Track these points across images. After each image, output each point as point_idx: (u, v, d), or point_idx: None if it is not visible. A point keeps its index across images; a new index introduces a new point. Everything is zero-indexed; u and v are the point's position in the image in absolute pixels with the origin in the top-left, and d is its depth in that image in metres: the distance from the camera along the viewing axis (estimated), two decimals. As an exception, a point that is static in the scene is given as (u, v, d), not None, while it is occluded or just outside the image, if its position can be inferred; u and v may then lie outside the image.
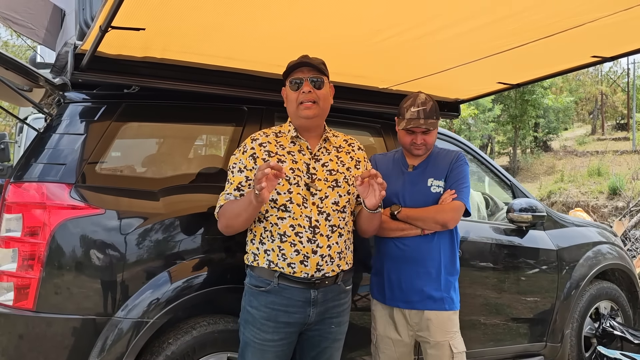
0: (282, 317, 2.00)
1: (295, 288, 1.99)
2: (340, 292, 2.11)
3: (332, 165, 2.11)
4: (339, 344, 2.17)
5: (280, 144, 2.10)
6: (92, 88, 2.39)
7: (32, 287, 2.05)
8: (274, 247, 2.00)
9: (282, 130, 2.15)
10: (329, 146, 2.16)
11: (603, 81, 32.54)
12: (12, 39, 18.85)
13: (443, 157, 2.43)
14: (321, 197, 2.04)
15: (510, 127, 22.64)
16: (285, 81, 2.09)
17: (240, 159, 2.08)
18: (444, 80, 2.92)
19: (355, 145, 2.24)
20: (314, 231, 1.99)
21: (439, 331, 2.34)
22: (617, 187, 13.44)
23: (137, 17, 1.83)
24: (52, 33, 3.37)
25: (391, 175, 2.42)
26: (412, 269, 2.34)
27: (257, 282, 2.03)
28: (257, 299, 2.03)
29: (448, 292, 2.37)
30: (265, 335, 2.00)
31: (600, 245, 3.89)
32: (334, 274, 2.04)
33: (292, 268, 1.98)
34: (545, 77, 3.07)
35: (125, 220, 2.20)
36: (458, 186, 2.35)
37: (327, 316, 2.08)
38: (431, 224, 2.31)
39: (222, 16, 1.97)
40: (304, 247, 1.98)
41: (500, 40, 2.34)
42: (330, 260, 2.02)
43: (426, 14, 2.04)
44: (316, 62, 2.06)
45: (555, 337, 3.55)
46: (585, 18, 2.08)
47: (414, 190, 2.39)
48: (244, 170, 2.05)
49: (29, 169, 2.18)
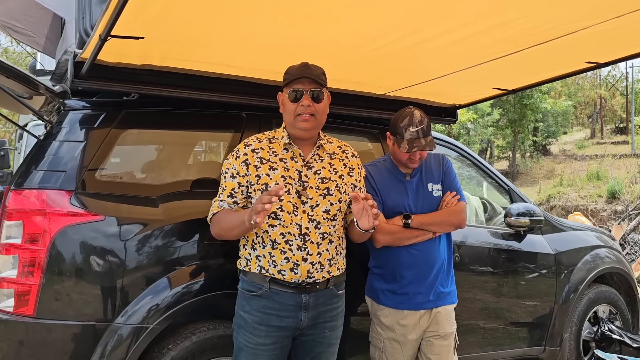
0: (274, 321, 2.01)
1: (286, 292, 2.01)
2: (333, 297, 2.11)
3: (325, 173, 2.10)
4: (334, 348, 2.17)
5: (273, 150, 2.09)
6: (91, 95, 2.41)
7: (33, 293, 2.06)
8: (265, 254, 2.02)
9: (275, 136, 2.13)
10: (322, 153, 2.14)
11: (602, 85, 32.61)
12: (12, 46, 18.91)
13: (432, 162, 2.53)
14: (312, 205, 2.03)
15: (509, 131, 22.67)
16: (284, 88, 2.08)
17: (233, 164, 2.07)
18: (441, 86, 2.94)
19: (349, 152, 2.23)
20: (304, 239, 2.00)
21: (447, 323, 2.46)
22: (616, 191, 13.45)
23: (136, 26, 1.86)
24: (52, 41, 3.39)
25: (391, 186, 2.45)
26: (425, 272, 2.41)
27: (249, 287, 2.05)
28: (249, 303, 2.04)
29: (453, 285, 2.53)
30: (258, 339, 2.01)
31: (598, 249, 3.89)
32: (324, 280, 2.05)
33: (283, 275, 2.00)
34: (540, 83, 3.10)
35: (125, 226, 2.22)
36: (456, 188, 2.48)
37: (320, 321, 2.08)
38: (447, 227, 2.44)
39: (221, 24, 1.99)
40: (294, 254, 1.99)
41: (495, 47, 2.36)
42: (321, 267, 2.03)
43: (422, 21, 2.06)
44: (317, 73, 2.04)
45: (554, 341, 3.55)
46: (578, 25, 2.11)
47: (419, 196, 2.46)
48: (236, 177, 2.06)
49: (29, 176, 2.19)
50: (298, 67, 2.05)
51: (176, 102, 2.52)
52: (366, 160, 3.22)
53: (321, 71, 2.08)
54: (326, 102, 2.11)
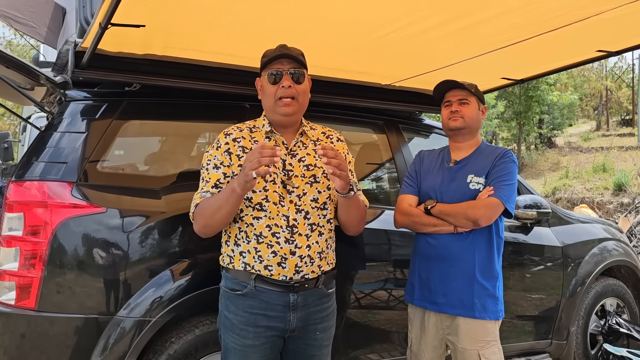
0: (261, 321, 1.89)
1: (273, 291, 1.88)
2: (322, 296, 1.98)
3: (310, 159, 1.98)
4: (327, 350, 2.04)
5: (255, 139, 1.98)
6: (93, 86, 2.38)
7: (34, 286, 2.04)
8: (250, 249, 1.88)
9: (256, 125, 2.02)
10: (305, 140, 2.02)
11: (608, 77, 32.36)
12: (15, 39, 18.92)
13: (488, 154, 2.32)
14: (299, 195, 1.91)
15: (514, 123, 22.53)
16: (262, 72, 1.95)
17: (215, 155, 1.94)
18: (448, 76, 2.89)
19: (334, 136, 2.10)
20: (292, 231, 1.87)
21: (467, 339, 2.22)
22: (623, 183, 13.35)
23: (137, 13, 1.82)
24: (53, 31, 3.36)
25: (432, 171, 2.38)
26: (442, 268, 2.25)
27: (233, 285, 1.92)
28: (234, 303, 1.92)
29: (481, 298, 2.22)
30: (246, 341, 1.88)
31: (605, 241, 3.85)
32: (314, 276, 1.92)
33: (269, 270, 1.87)
34: (549, 73, 3.05)
35: (127, 218, 2.19)
36: (498, 183, 2.20)
37: (310, 322, 1.95)
38: (462, 220, 2.20)
39: (223, 12, 1.96)
40: (281, 248, 1.86)
41: (504, 35, 2.32)
42: (310, 261, 1.90)
43: (429, 8, 2.02)
44: (295, 52, 1.92)
45: (560, 335, 3.52)
46: (590, 11, 2.06)
47: (452, 186, 2.29)
48: (220, 167, 1.92)
49: (30, 167, 2.17)
50: (276, 48, 1.93)
51: (178, 92, 2.49)
52: (367, 152, 3.21)
53: (300, 52, 1.94)
54: (307, 84, 1.98)
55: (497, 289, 2.28)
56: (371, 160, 3.19)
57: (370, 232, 2.68)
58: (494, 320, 2.26)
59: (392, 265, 2.80)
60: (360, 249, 2.69)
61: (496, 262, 2.30)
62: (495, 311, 2.26)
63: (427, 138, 3.39)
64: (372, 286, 2.77)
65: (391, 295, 2.81)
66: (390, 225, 2.49)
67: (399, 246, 2.82)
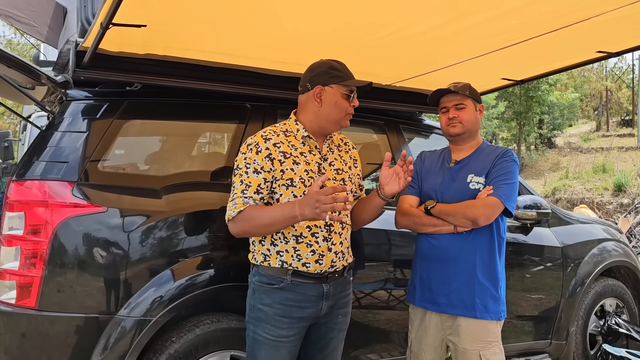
0: (296, 312, 2.00)
1: (308, 284, 2.01)
2: (346, 284, 2.16)
3: (338, 164, 2.13)
4: (343, 334, 2.20)
5: (292, 144, 2.05)
6: (94, 86, 2.38)
7: (35, 285, 2.04)
8: (288, 248, 1.99)
9: (289, 129, 2.08)
10: (332, 145, 2.16)
11: (608, 77, 32.35)
12: (16, 38, 18.91)
13: (489, 153, 2.31)
14: None
15: (514, 123, 22.53)
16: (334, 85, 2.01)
17: (254, 159, 1.96)
18: (448, 77, 2.89)
19: (350, 144, 2.26)
20: (330, 229, 2.03)
21: (468, 339, 2.22)
22: (622, 184, 13.34)
23: (138, 13, 1.82)
24: (54, 31, 3.36)
25: (433, 171, 2.39)
26: (443, 268, 2.25)
27: (269, 280, 2.00)
28: (269, 296, 2.00)
29: (483, 298, 2.21)
30: (280, 331, 1.99)
31: (605, 242, 3.86)
32: (342, 268, 2.09)
33: (307, 267, 2.00)
34: (549, 73, 3.05)
35: (128, 218, 2.20)
36: (497, 182, 2.19)
37: (335, 307, 2.11)
38: (461, 220, 2.19)
39: (224, 13, 1.96)
40: (319, 246, 2.00)
41: (505, 35, 2.32)
42: (342, 255, 2.08)
43: (430, 8, 2.02)
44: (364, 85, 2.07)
45: (560, 335, 3.52)
46: (590, 12, 2.06)
47: (452, 186, 2.29)
48: (261, 172, 1.96)
49: (31, 167, 2.17)
50: (347, 68, 2.05)
51: (179, 92, 2.49)
52: (368, 152, 3.21)
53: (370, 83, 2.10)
54: None
55: (499, 289, 2.28)
56: (372, 161, 3.19)
57: (371, 232, 2.69)
58: (496, 320, 2.25)
59: (392, 266, 2.81)
60: (361, 249, 2.69)
61: (498, 262, 2.29)
62: (496, 311, 2.25)
63: (428, 138, 3.40)
64: (372, 286, 2.78)
65: (391, 295, 2.81)
66: (391, 226, 2.49)
67: (399, 246, 2.83)
